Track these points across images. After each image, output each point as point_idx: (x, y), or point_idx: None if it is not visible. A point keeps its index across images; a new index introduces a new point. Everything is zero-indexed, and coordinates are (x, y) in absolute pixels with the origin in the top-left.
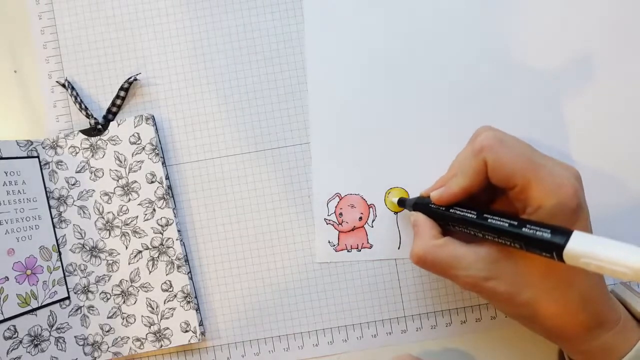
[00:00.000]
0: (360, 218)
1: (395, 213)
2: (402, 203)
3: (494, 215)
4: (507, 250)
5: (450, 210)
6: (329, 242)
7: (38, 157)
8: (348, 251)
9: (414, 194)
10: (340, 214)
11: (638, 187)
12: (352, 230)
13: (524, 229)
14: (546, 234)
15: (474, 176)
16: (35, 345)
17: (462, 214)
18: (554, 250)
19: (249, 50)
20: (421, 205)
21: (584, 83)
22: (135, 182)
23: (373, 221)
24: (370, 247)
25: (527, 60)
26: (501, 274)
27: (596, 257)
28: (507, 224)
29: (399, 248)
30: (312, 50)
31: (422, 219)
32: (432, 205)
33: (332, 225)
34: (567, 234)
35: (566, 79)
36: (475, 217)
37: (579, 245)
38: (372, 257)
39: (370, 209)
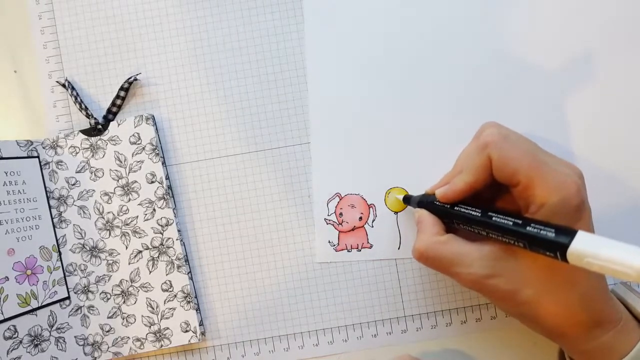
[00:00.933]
0: (360, 218)
1: (396, 213)
2: (407, 200)
3: (498, 213)
4: (510, 248)
5: (455, 208)
6: (329, 242)
7: (38, 157)
8: (348, 251)
9: (414, 193)
10: (341, 213)
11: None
12: (352, 230)
13: (527, 228)
14: (550, 233)
15: (478, 173)
16: (36, 345)
17: (466, 211)
18: (558, 249)
19: (249, 50)
20: (426, 202)
21: (587, 83)
22: (135, 182)
23: (373, 221)
24: (370, 247)
25: (529, 60)
26: (503, 272)
27: (600, 257)
28: (511, 223)
29: (399, 248)
30: (312, 50)
31: (426, 216)
32: (437, 203)
33: (332, 225)
34: (571, 233)
35: (568, 79)
36: (479, 215)
37: (582, 245)
38: (372, 257)
39: (370, 209)
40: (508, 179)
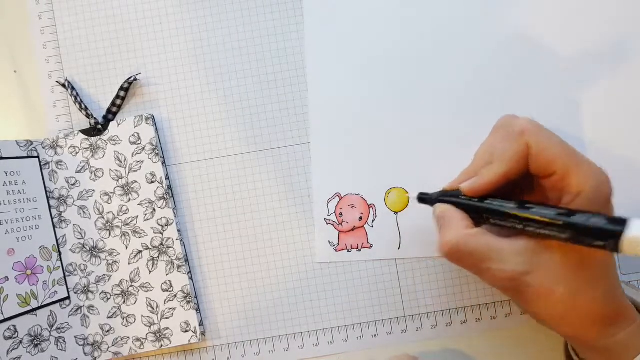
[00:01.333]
0: (360, 218)
1: (396, 213)
2: (423, 199)
3: (534, 205)
4: (543, 243)
5: (486, 202)
6: (329, 242)
7: (38, 157)
8: (348, 251)
9: (414, 194)
10: (341, 214)
11: None
12: (352, 230)
13: (573, 217)
14: (602, 221)
15: (513, 162)
16: (36, 345)
17: (499, 204)
18: (611, 238)
19: (249, 50)
20: (448, 198)
21: (587, 83)
22: (135, 182)
23: (373, 221)
24: (370, 247)
25: (529, 60)
26: (539, 268)
27: None
28: (553, 213)
29: (399, 248)
30: (312, 50)
31: (451, 210)
32: (462, 198)
33: (332, 225)
34: (622, 222)
35: (568, 79)
36: (516, 207)
37: (638, 232)
38: (372, 257)
39: (370, 209)
40: (543, 169)
